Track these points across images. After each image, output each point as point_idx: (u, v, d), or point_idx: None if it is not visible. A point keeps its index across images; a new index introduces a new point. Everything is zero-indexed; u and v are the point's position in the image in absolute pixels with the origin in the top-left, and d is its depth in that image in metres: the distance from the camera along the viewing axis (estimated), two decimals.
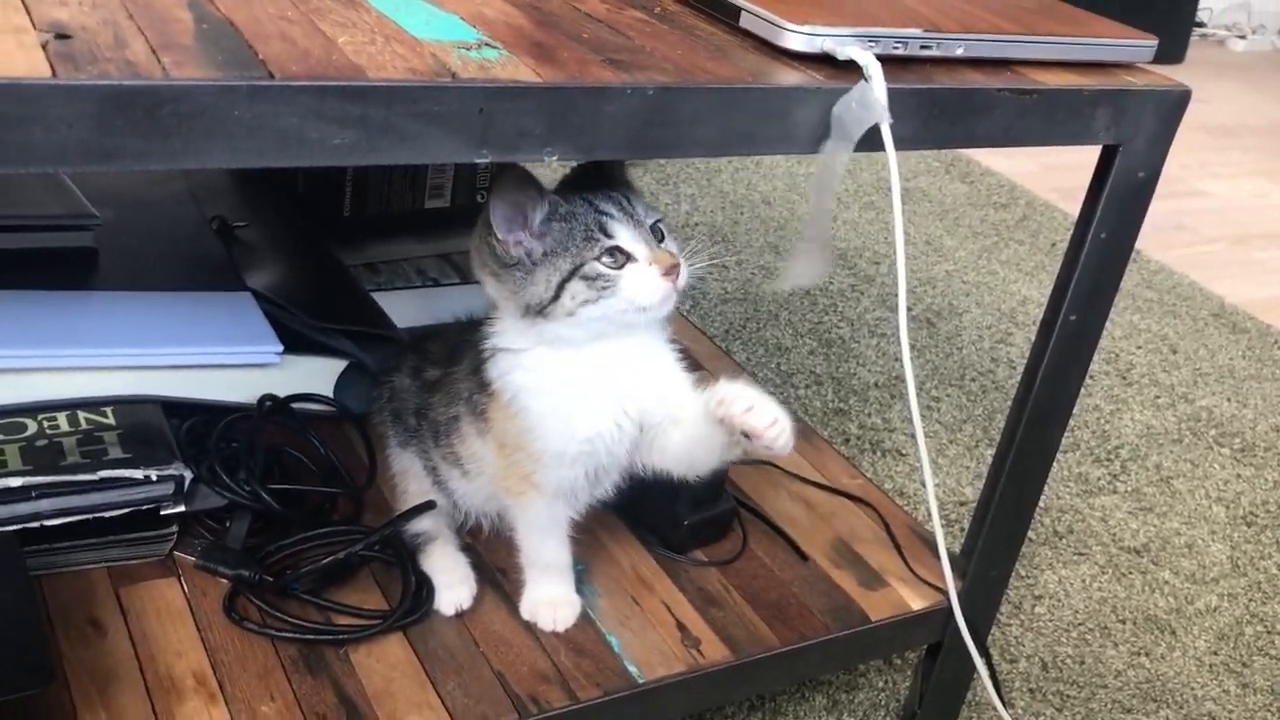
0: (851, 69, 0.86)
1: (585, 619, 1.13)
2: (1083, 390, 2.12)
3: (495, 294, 1.00)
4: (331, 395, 1.26)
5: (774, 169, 2.90)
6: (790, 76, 0.85)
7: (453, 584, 1.11)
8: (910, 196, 2.87)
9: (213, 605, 1.07)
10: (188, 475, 1.09)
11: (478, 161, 0.75)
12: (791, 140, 0.85)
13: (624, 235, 0.96)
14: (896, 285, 1.01)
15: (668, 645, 1.12)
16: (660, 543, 1.24)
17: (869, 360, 2.12)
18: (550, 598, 1.11)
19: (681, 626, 1.14)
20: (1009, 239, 2.72)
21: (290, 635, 1.05)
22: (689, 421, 1.01)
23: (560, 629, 1.11)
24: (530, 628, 1.11)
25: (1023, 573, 1.65)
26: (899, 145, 0.89)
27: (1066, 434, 2.02)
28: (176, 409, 1.18)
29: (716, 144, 0.82)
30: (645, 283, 0.96)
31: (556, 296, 0.96)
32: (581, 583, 1.16)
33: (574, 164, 1.04)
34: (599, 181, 1.00)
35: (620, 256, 0.96)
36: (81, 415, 1.12)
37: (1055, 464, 1.95)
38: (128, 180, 1.41)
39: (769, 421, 0.93)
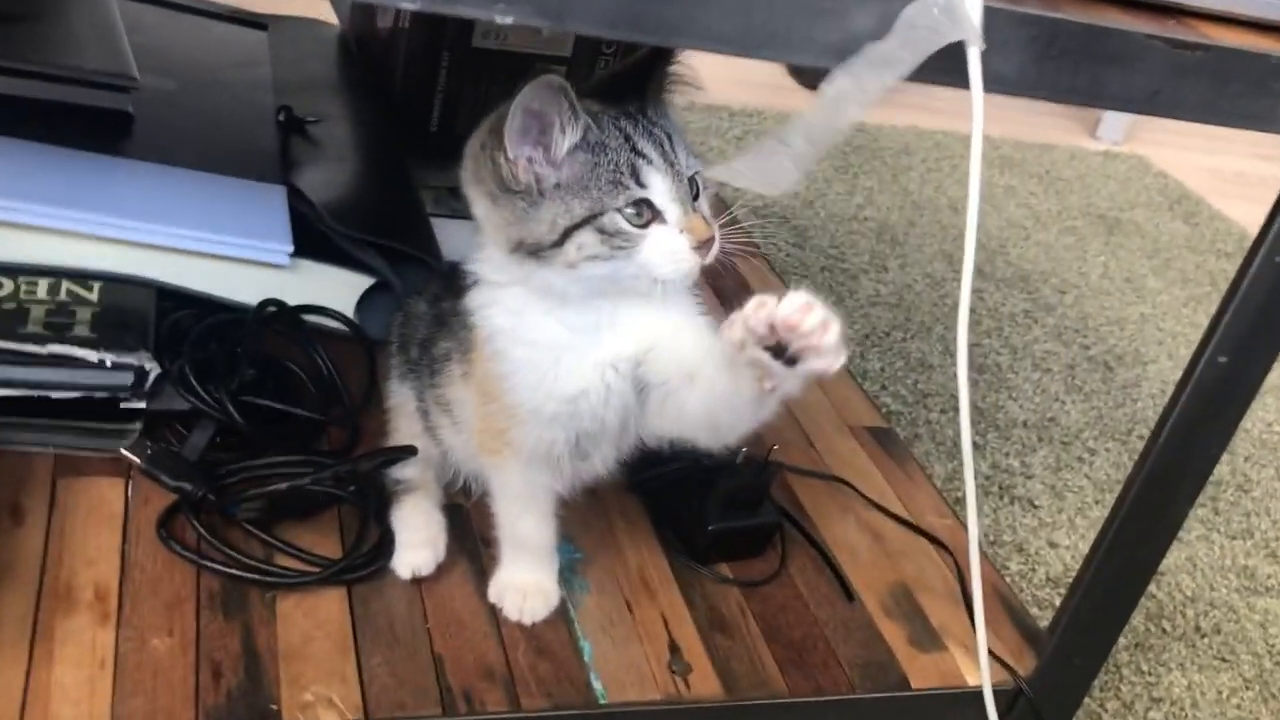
0: None
1: (562, 616, 0.96)
2: (1268, 472, 1.82)
3: (485, 218, 0.83)
4: (351, 313, 1.12)
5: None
6: None
7: (416, 544, 0.96)
8: (1120, 228, 2.56)
9: (149, 518, 0.95)
10: (152, 369, 0.97)
11: (403, 7, 0.59)
12: (844, 48, 0.66)
13: (659, 188, 0.79)
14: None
15: (649, 666, 0.94)
16: (681, 547, 1.05)
17: (1023, 395, 1.86)
18: (522, 583, 0.95)
19: (674, 647, 0.96)
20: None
21: (215, 566, 0.91)
22: (709, 370, 0.82)
23: (527, 620, 0.94)
24: (495, 613, 0.95)
25: (1144, 668, 1.38)
26: (994, 85, 0.68)
27: (1240, 518, 1.73)
28: (185, 301, 1.07)
29: (733, 38, 0.63)
30: (671, 251, 0.79)
31: (560, 243, 0.78)
32: (572, 573, 0.99)
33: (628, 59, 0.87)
34: (635, 95, 0.82)
35: (647, 212, 0.78)
36: (65, 285, 1.01)
37: (1218, 550, 1.67)
38: (209, 56, 1.31)
39: (804, 310, 0.69)
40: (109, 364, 0.95)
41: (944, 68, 0.67)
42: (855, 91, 0.70)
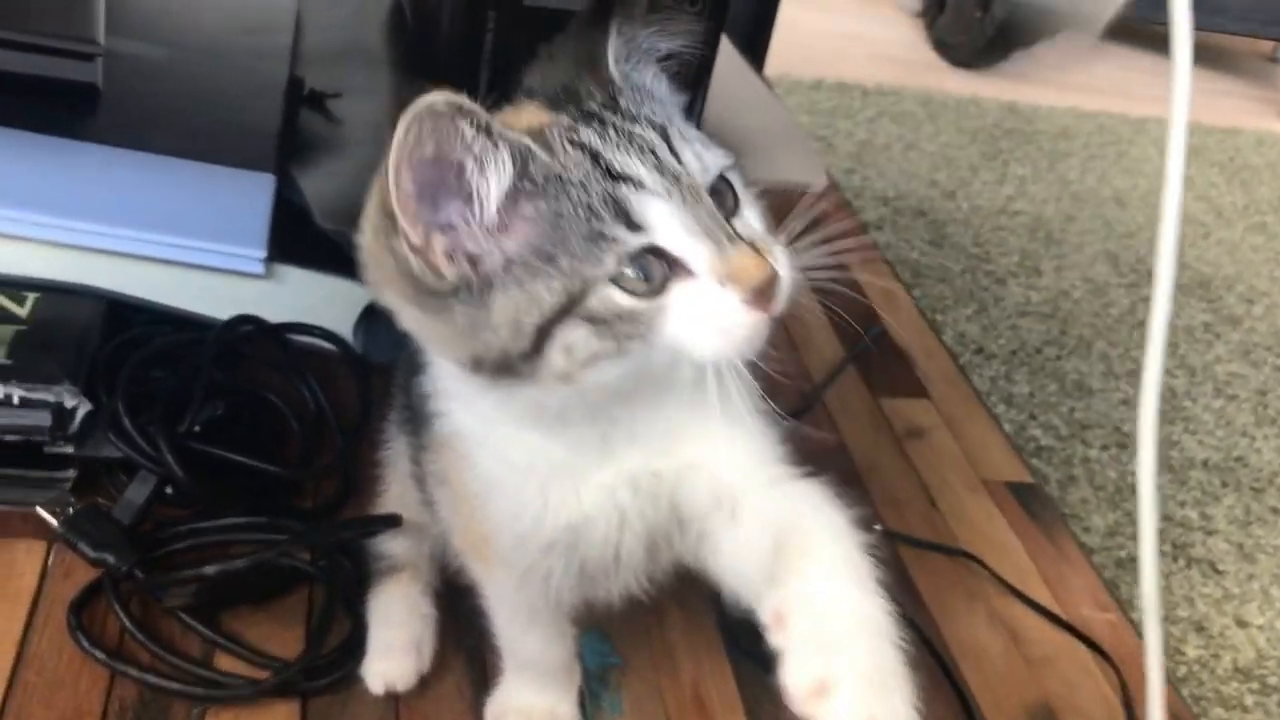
0: None
1: None
2: None
3: (416, 331, 0.55)
4: (349, 332, 0.90)
5: (1143, 163, 2.31)
6: None
7: (394, 648, 0.73)
8: None
9: (65, 597, 0.75)
10: (77, 405, 0.77)
11: None
12: None
13: (666, 222, 0.50)
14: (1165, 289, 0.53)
15: None
16: (749, 650, 0.81)
17: (1204, 428, 1.55)
18: (527, 707, 0.71)
19: None
20: None
21: (131, 672, 0.70)
22: (754, 503, 0.57)
23: None
24: None
25: None
26: (1211, 21, 0.42)
27: None
28: (159, 317, 0.87)
29: None
30: (713, 317, 0.51)
31: (538, 349, 0.51)
32: (602, 685, 0.76)
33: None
34: (594, 77, 0.55)
35: (659, 267, 0.51)
36: None
37: None
38: (218, 19, 1.11)
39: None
40: (16, 400, 0.75)
41: None
42: None
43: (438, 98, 0.47)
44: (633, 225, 0.50)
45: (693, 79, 0.57)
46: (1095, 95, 2.53)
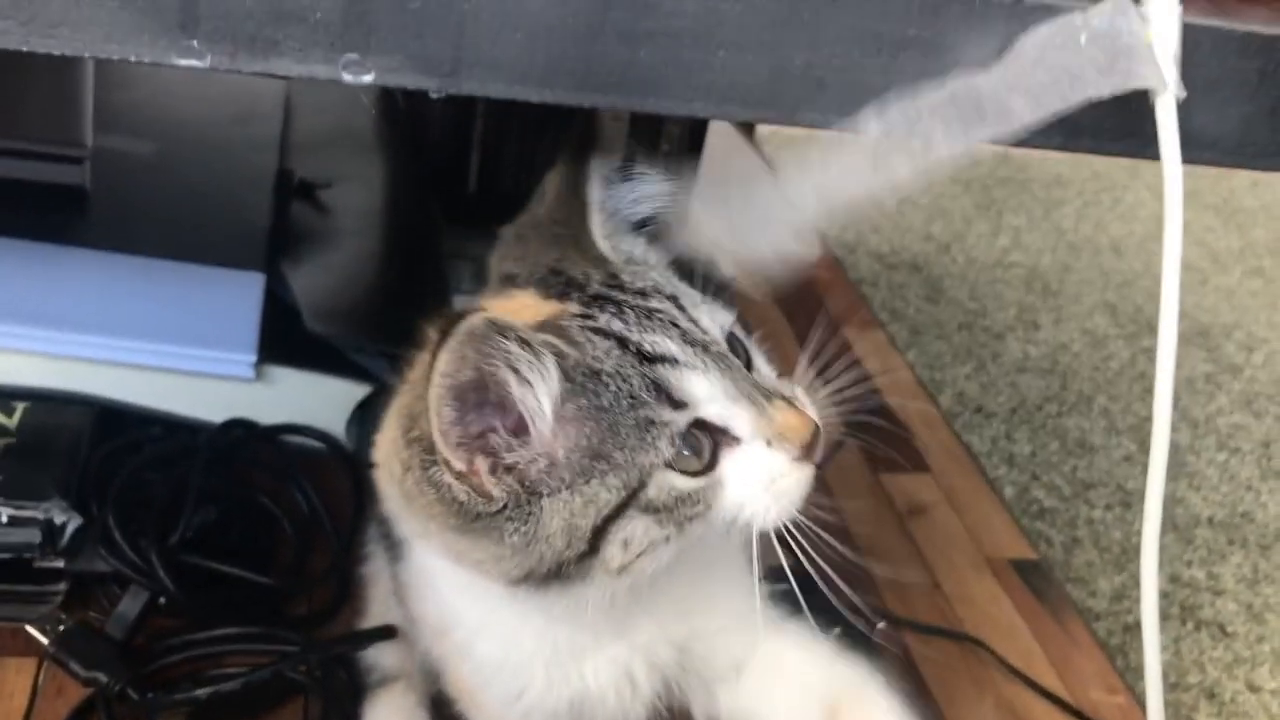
0: None
1: None
2: None
3: (456, 556, 0.52)
4: (342, 430, 0.90)
5: (1138, 208, 2.30)
6: None
7: None
8: None
9: (58, 715, 0.74)
10: (66, 520, 0.76)
11: (182, 63, 0.36)
12: None
13: (706, 391, 0.50)
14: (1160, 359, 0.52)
15: None
16: None
17: (1208, 483, 1.54)
18: None
19: None
20: None
21: None
22: (762, 677, 0.58)
23: None
24: None
25: None
26: (1201, 155, 0.42)
27: None
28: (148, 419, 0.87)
29: (753, 96, 0.38)
30: (769, 481, 0.50)
31: (594, 549, 0.49)
32: None
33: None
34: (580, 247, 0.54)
35: (706, 439, 0.50)
36: None
37: None
38: (206, 111, 1.11)
39: None
40: (5, 519, 0.74)
41: (1107, 125, 0.41)
42: (918, 140, 0.45)
43: (476, 320, 0.45)
44: (676, 403, 0.49)
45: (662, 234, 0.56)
46: None
